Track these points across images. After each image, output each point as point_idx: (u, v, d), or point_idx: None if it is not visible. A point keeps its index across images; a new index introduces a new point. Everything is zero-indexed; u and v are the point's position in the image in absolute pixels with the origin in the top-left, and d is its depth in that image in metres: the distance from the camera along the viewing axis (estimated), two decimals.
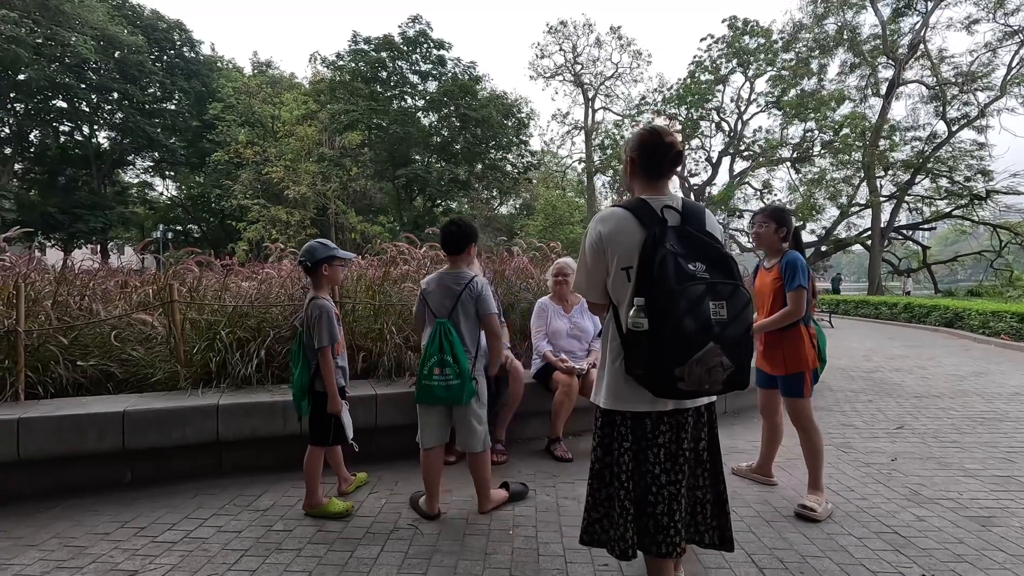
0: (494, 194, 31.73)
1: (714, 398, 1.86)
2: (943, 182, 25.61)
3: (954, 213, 26.11)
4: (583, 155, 35.59)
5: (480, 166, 28.00)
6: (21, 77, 24.69)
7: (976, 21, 23.59)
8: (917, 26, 25.02)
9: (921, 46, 25.02)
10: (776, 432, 3.28)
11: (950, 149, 25.05)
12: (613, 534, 1.79)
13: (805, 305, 2.78)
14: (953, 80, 24.52)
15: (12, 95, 25.64)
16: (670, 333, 1.56)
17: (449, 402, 2.69)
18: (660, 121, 28.73)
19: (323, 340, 2.67)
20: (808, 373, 2.88)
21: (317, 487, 2.81)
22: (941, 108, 24.79)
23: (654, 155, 1.80)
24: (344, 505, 2.84)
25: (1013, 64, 23.13)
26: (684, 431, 1.79)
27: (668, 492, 1.76)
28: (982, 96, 24.02)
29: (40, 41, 24.36)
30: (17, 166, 28.34)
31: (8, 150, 27.11)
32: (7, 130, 26.87)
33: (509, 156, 29.02)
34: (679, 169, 1.89)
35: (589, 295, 1.87)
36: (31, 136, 28.08)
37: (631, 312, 1.64)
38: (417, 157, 27.05)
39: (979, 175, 24.39)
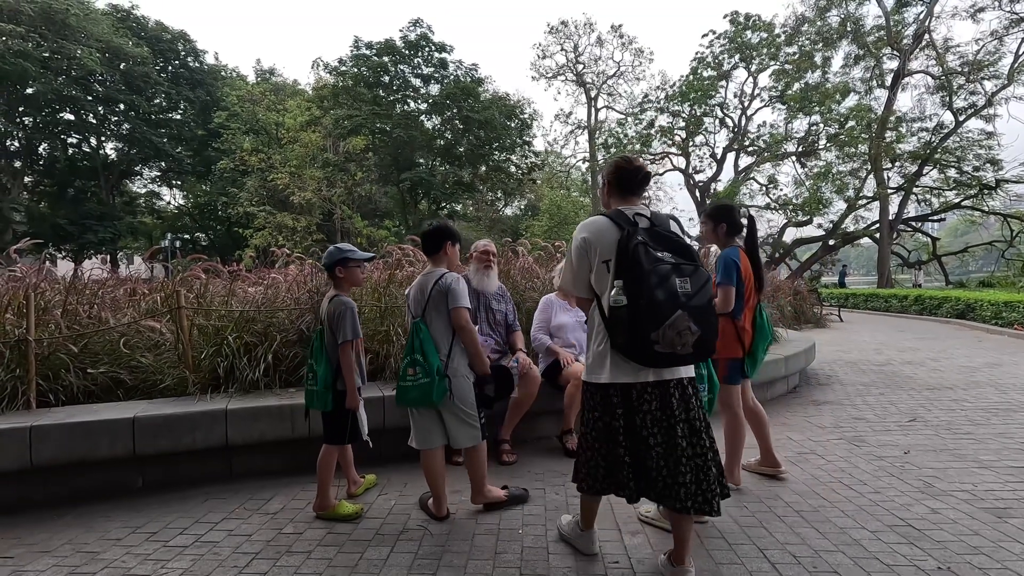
0: (498, 195, 31.73)
1: (693, 372, 2.17)
2: (951, 172, 25.30)
3: (963, 204, 25.76)
4: (587, 154, 35.52)
5: (484, 168, 27.98)
6: (29, 91, 24.99)
7: (981, 9, 23.30)
8: (921, 16, 24.75)
9: (926, 36, 24.73)
10: (758, 416, 3.26)
11: (958, 139, 24.74)
12: (592, 481, 2.16)
13: (732, 301, 2.89)
14: (959, 69, 24.23)
15: (21, 109, 25.95)
16: (645, 303, 1.91)
17: (423, 402, 2.62)
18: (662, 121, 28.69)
19: (347, 335, 2.71)
20: (724, 361, 2.97)
21: (328, 488, 2.83)
22: (948, 98, 24.50)
23: (625, 178, 2.20)
24: (354, 508, 2.84)
25: (1020, 52, 22.84)
26: (670, 400, 2.05)
27: (656, 452, 2.04)
28: (989, 85, 23.71)
29: (47, 55, 24.63)
30: (27, 179, 28.65)
31: (18, 163, 27.42)
32: (16, 144, 27.17)
33: (513, 157, 28.99)
34: (649, 187, 2.30)
35: (576, 291, 2.20)
36: (40, 149, 28.37)
37: (612, 292, 1.98)
38: (421, 160, 27.10)
39: (988, 164, 24.07)
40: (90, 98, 26.70)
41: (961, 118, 24.40)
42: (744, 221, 3.09)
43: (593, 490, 2.18)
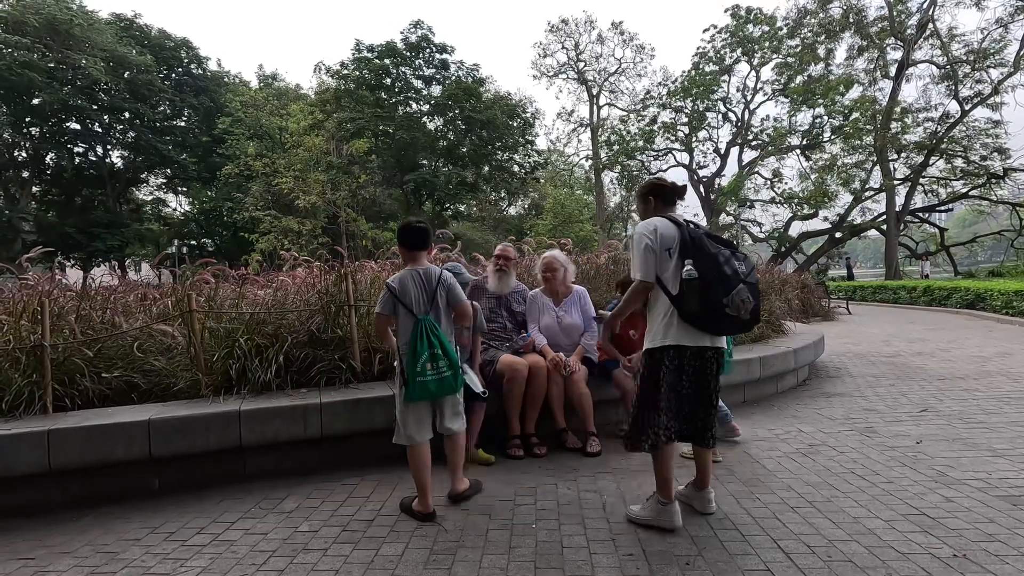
0: (502, 195, 31.72)
1: (722, 344, 2.59)
2: (958, 162, 25.13)
3: (971, 193, 25.59)
4: (590, 152, 35.50)
5: (487, 168, 27.99)
6: (35, 101, 25.25)
7: None
8: (924, 5, 24.58)
9: (930, 25, 24.56)
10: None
11: (964, 128, 24.54)
12: (661, 431, 2.50)
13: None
14: (964, 58, 24.05)
15: (27, 119, 26.22)
16: (716, 277, 2.39)
17: (443, 394, 2.80)
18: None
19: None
20: None
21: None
22: (953, 87, 24.33)
23: (665, 193, 2.67)
24: (488, 456, 3.45)
25: None
26: (709, 362, 2.54)
27: (701, 401, 2.55)
28: (995, 73, 23.53)
29: (52, 65, 24.87)
30: (35, 188, 28.95)
31: (26, 173, 27.70)
32: (24, 154, 27.45)
33: (516, 157, 28.99)
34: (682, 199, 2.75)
35: (648, 278, 2.52)
36: (47, 159, 28.65)
37: (685, 269, 2.41)
38: (424, 162, 27.15)
39: (995, 153, 23.88)
40: (95, 107, 26.96)
41: (967, 107, 24.21)
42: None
43: (659, 441, 2.50)
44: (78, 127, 27.88)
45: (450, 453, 2.94)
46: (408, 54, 26.62)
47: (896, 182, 25.74)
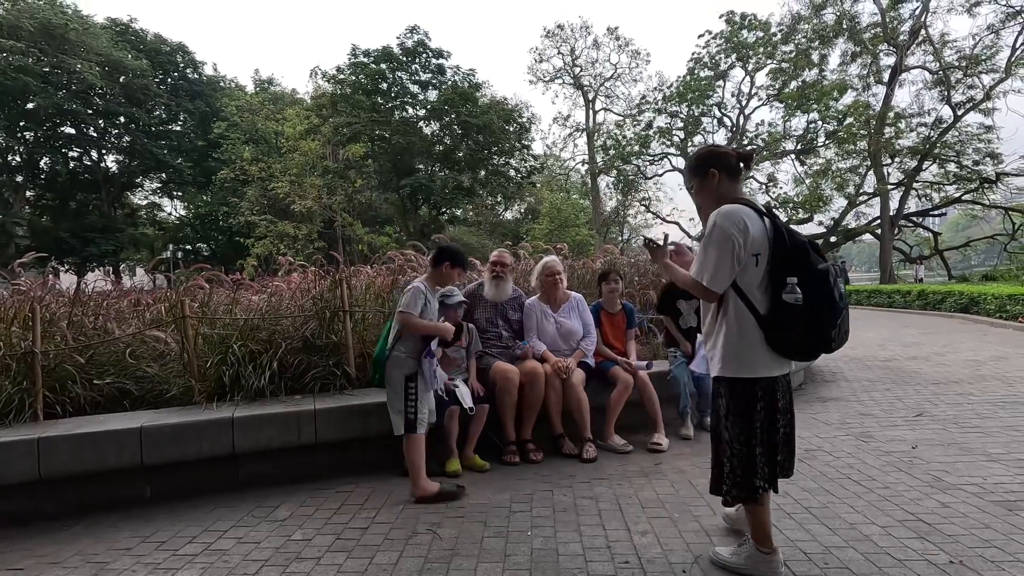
0: (498, 199, 31.78)
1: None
2: (951, 167, 25.31)
3: (964, 198, 25.79)
4: (586, 157, 35.63)
5: (483, 172, 28.08)
6: (30, 106, 25.19)
7: (978, 3, 23.35)
8: (917, 11, 24.82)
9: (922, 31, 24.80)
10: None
11: (957, 133, 24.75)
12: (761, 481, 2.09)
13: None
14: (956, 64, 24.27)
15: (22, 124, 26.14)
16: (827, 303, 1.93)
17: (372, 380, 3.31)
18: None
19: None
20: None
21: (452, 444, 3.50)
22: (946, 93, 24.53)
23: (731, 163, 2.14)
24: (483, 462, 3.50)
25: (1017, 45, 22.88)
26: (790, 388, 2.17)
27: (785, 434, 2.15)
28: (987, 79, 23.75)
29: (47, 70, 24.83)
30: (29, 193, 28.84)
31: (20, 178, 27.60)
32: (18, 158, 27.37)
33: (512, 161, 29.08)
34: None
35: (718, 289, 2.06)
36: (41, 163, 28.56)
37: (786, 289, 1.95)
38: (420, 166, 27.20)
39: (988, 158, 24.08)
40: (90, 111, 26.89)
41: (959, 112, 24.41)
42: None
43: (757, 492, 2.09)
44: (73, 131, 27.82)
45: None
46: (404, 59, 26.71)
47: (890, 187, 25.91)
